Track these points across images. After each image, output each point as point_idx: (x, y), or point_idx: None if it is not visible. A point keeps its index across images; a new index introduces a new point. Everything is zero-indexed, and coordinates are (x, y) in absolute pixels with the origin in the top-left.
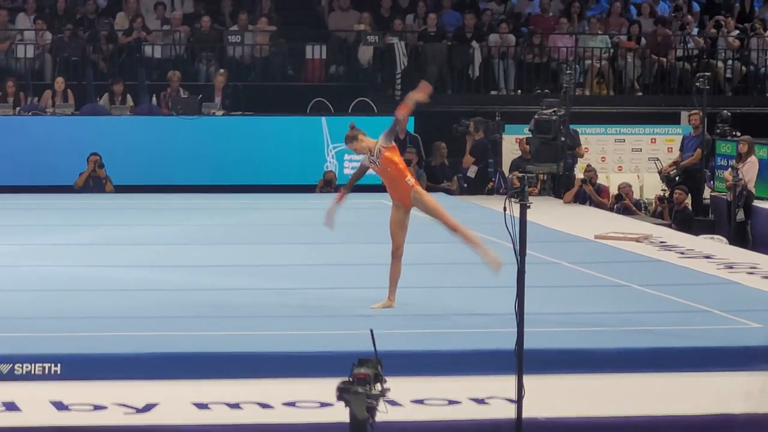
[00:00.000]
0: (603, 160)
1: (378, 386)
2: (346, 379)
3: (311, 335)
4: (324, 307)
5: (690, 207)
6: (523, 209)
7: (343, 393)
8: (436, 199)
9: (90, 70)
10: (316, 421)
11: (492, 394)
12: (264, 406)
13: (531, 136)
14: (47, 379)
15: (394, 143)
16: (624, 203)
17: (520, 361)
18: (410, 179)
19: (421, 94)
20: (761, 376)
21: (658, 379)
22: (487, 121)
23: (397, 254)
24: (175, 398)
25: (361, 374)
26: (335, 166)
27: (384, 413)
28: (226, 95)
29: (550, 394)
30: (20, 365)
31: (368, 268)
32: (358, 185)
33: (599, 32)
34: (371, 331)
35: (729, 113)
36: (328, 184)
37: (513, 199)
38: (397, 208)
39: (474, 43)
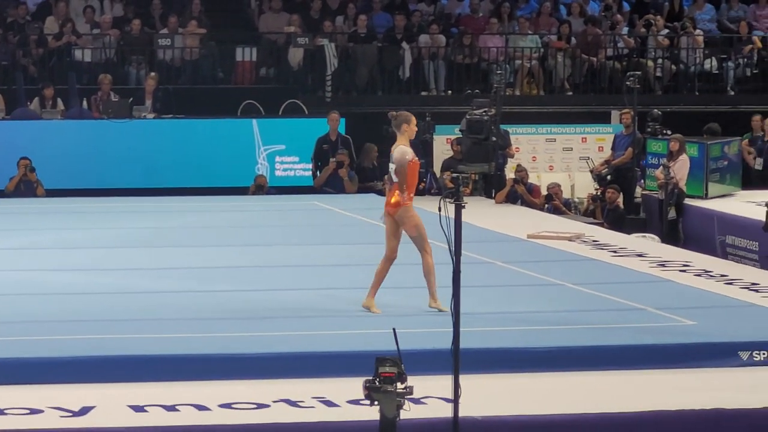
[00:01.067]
0: (534, 160)
1: (401, 384)
2: (369, 378)
3: (246, 337)
4: (257, 310)
5: (622, 206)
6: (458, 209)
7: (372, 392)
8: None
9: (20, 75)
10: (252, 422)
11: (428, 394)
12: (200, 408)
13: (462, 136)
14: None
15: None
16: (554, 204)
17: (456, 360)
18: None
19: None
20: (696, 373)
21: (594, 377)
22: (417, 121)
23: (390, 257)
24: (110, 401)
25: (387, 373)
26: (266, 168)
27: (407, 411)
28: (157, 98)
29: (487, 393)
30: None
31: (301, 270)
32: (291, 187)
33: (529, 32)
34: (394, 330)
35: (659, 112)
36: (260, 189)
37: (447, 200)
38: (388, 216)
39: (404, 44)
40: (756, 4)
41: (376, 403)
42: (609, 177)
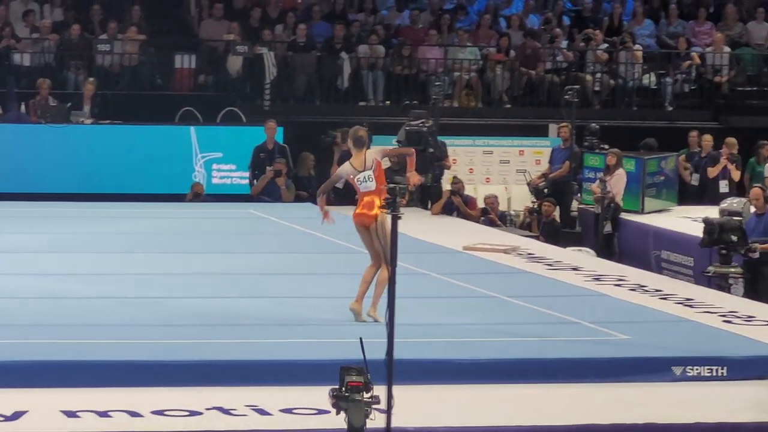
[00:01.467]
0: (471, 172)
1: (367, 393)
2: (335, 387)
3: (179, 344)
4: (190, 316)
5: (558, 219)
6: (395, 220)
7: (339, 401)
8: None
9: None
10: (184, 429)
11: None
12: (133, 414)
13: (398, 146)
14: None
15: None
16: (490, 217)
17: (390, 370)
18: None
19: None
20: (629, 387)
21: (527, 389)
22: None
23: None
24: (43, 406)
25: (355, 382)
26: (203, 176)
27: (372, 420)
28: (95, 104)
29: (420, 404)
30: None
31: (235, 278)
32: (228, 195)
33: (468, 44)
34: (360, 339)
35: (597, 126)
36: (197, 196)
37: (384, 210)
38: (362, 227)
39: (343, 54)
40: (695, 21)
41: (341, 412)
42: (546, 190)
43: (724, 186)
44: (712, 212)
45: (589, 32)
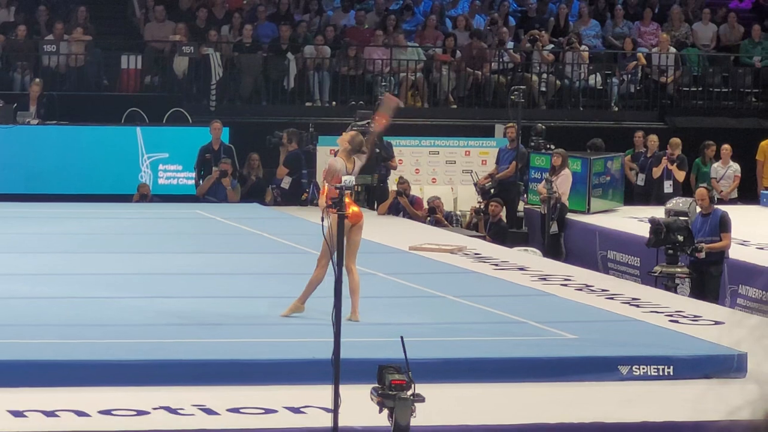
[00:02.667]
0: (417, 172)
1: (409, 391)
2: (377, 386)
3: (125, 344)
4: (137, 317)
5: (504, 219)
6: (341, 220)
7: (385, 400)
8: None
9: None
10: (131, 428)
11: (308, 403)
12: (80, 413)
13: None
14: None
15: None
16: (436, 217)
17: (337, 370)
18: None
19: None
20: (576, 386)
21: (474, 389)
22: (301, 132)
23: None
24: None
25: (398, 380)
26: (149, 176)
27: (415, 417)
28: (41, 104)
29: (367, 404)
30: None
31: (181, 278)
32: (174, 195)
33: (413, 44)
34: (402, 338)
35: (543, 126)
36: (144, 198)
37: (330, 210)
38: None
39: (289, 55)
40: (641, 21)
41: (385, 410)
42: (492, 190)
43: (668, 186)
44: (658, 212)
45: (535, 33)
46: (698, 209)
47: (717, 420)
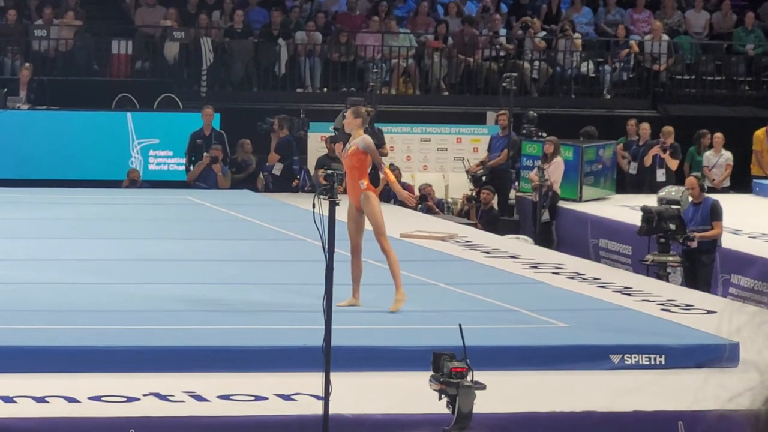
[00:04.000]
0: (408, 159)
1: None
2: (435, 374)
3: (115, 330)
4: (126, 303)
5: (496, 207)
6: (332, 206)
7: (447, 387)
8: (380, 214)
9: None
10: (121, 415)
11: (298, 391)
12: (70, 400)
13: (336, 134)
14: None
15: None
16: (427, 204)
17: (328, 357)
18: (364, 183)
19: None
20: (567, 375)
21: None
22: (292, 118)
23: (356, 252)
24: None
25: (458, 368)
26: (140, 162)
27: (476, 404)
28: (32, 89)
29: (357, 391)
30: None
31: (171, 264)
32: (165, 181)
33: (404, 30)
34: (460, 326)
35: (535, 114)
36: (133, 183)
37: (322, 197)
38: (350, 206)
39: (281, 41)
40: (633, 9)
41: (443, 397)
42: (484, 178)
43: (661, 175)
44: (650, 201)
45: (527, 20)
46: (690, 198)
47: (713, 409)
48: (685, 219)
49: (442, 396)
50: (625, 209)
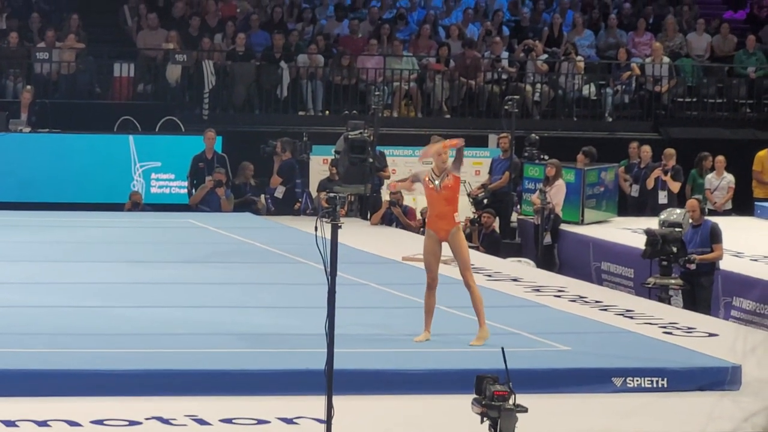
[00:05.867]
0: None
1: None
2: (477, 397)
3: (117, 353)
4: (129, 326)
5: (498, 230)
6: (335, 229)
7: (489, 411)
8: (467, 248)
9: None
10: None
11: (301, 414)
12: (72, 423)
13: (337, 157)
14: None
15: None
16: None
17: (330, 381)
18: (458, 216)
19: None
20: (569, 398)
21: (467, 400)
22: (294, 141)
23: (432, 285)
24: None
25: (500, 391)
26: (142, 185)
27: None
28: (33, 112)
29: (360, 415)
30: None
31: (174, 288)
32: (167, 204)
33: (407, 54)
34: (503, 349)
35: (537, 137)
36: (136, 206)
37: (324, 220)
38: (430, 237)
39: (282, 64)
40: (635, 32)
41: (486, 421)
42: (485, 201)
43: (663, 197)
44: (652, 223)
45: (529, 43)
46: (690, 221)
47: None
48: (685, 241)
49: (484, 419)
50: (627, 232)
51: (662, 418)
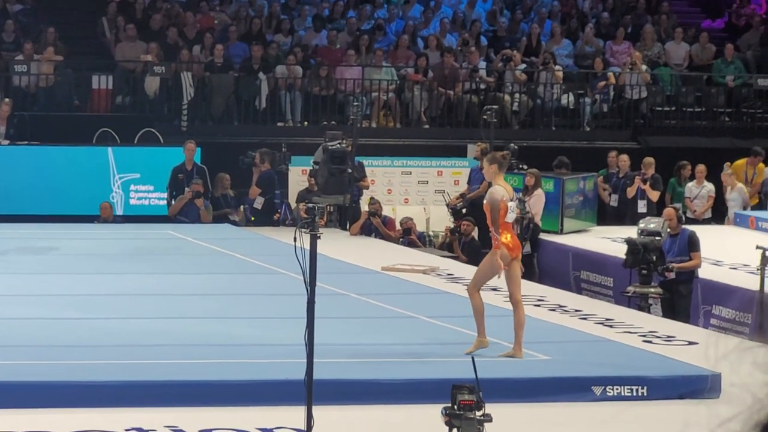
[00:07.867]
0: (389, 192)
1: (479, 412)
2: (447, 405)
3: (95, 365)
4: (107, 337)
5: (477, 238)
6: (314, 240)
7: (453, 419)
8: (487, 270)
9: None
10: None
11: (281, 425)
12: None
13: (315, 168)
14: None
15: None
16: (410, 238)
17: (310, 391)
18: (500, 238)
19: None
20: (549, 407)
21: None
22: (274, 152)
23: (512, 303)
24: None
25: (467, 401)
26: (121, 197)
27: None
28: (12, 125)
29: (339, 425)
30: None
31: (153, 299)
32: (146, 216)
33: (386, 65)
34: (473, 358)
35: (516, 146)
36: (106, 218)
37: (303, 230)
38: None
39: (261, 75)
40: (613, 41)
41: (455, 430)
42: (464, 210)
43: (642, 206)
44: (632, 232)
45: (507, 53)
46: (668, 229)
47: None
48: (663, 250)
49: (451, 428)
50: (606, 241)
51: (642, 426)
